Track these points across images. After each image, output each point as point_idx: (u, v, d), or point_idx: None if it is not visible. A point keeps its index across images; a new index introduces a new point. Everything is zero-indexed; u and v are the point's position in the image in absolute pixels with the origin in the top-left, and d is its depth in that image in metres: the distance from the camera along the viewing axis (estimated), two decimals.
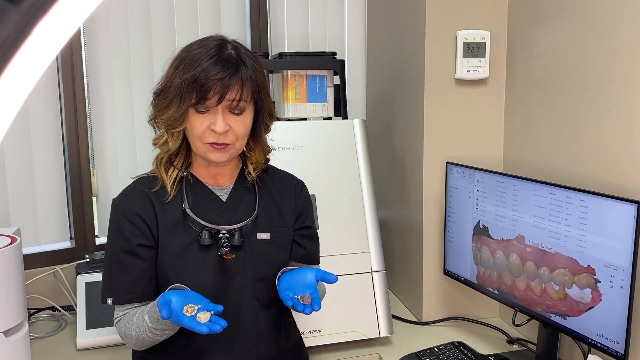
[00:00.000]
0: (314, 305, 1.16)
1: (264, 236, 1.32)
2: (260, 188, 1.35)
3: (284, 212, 1.36)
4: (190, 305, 1.12)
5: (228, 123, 1.19)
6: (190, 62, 1.18)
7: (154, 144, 1.29)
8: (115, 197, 1.31)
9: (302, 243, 1.39)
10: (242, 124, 1.22)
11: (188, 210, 1.26)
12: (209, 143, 1.21)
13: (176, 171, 1.29)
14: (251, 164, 1.33)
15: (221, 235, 1.27)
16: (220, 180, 1.32)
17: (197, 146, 1.23)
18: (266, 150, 1.35)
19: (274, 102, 1.38)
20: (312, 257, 1.42)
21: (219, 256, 1.27)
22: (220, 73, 1.16)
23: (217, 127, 1.18)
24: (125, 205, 1.27)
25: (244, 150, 1.33)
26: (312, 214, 1.43)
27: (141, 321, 1.22)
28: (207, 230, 1.26)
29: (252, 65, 1.21)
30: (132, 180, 1.34)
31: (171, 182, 1.28)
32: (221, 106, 1.18)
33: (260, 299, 1.32)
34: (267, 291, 1.33)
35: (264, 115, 1.28)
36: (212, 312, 1.12)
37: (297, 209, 1.38)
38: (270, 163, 1.40)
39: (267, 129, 1.33)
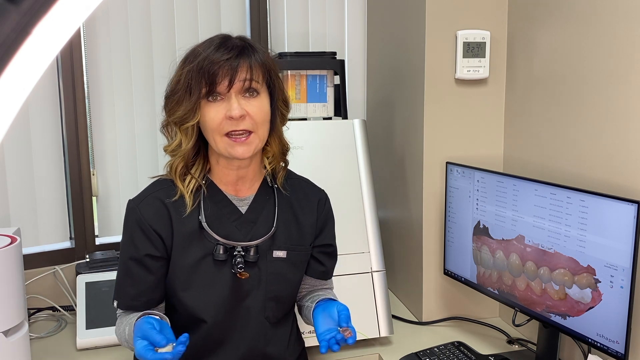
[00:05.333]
0: (349, 339, 1.12)
1: (280, 254, 1.27)
2: (281, 200, 1.29)
3: (303, 229, 1.30)
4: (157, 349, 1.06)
5: (244, 108, 1.14)
6: (195, 55, 1.15)
7: (165, 150, 1.23)
8: (131, 198, 1.25)
9: (321, 260, 1.35)
10: (259, 108, 1.16)
11: (204, 224, 1.22)
12: (228, 136, 1.15)
13: (194, 180, 1.23)
14: (267, 157, 1.27)
15: (236, 253, 1.22)
16: (241, 189, 1.27)
17: (216, 142, 1.16)
18: (284, 144, 1.28)
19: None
20: (327, 274, 1.39)
21: (232, 273, 1.23)
22: (226, 54, 1.12)
23: (233, 112, 1.12)
24: (140, 213, 1.22)
25: (264, 148, 1.26)
26: (333, 230, 1.38)
27: (123, 330, 1.21)
28: (222, 245, 1.22)
29: (260, 49, 1.17)
30: (150, 181, 1.28)
31: (189, 192, 1.21)
32: (234, 90, 1.13)
33: (270, 317, 1.28)
34: (278, 310, 1.30)
35: (278, 102, 1.22)
36: (173, 343, 1.07)
37: (318, 226, 1.33)
38: None
39: (283, 119, 1.26)
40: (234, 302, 1.25)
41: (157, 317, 1.16)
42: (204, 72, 1.12)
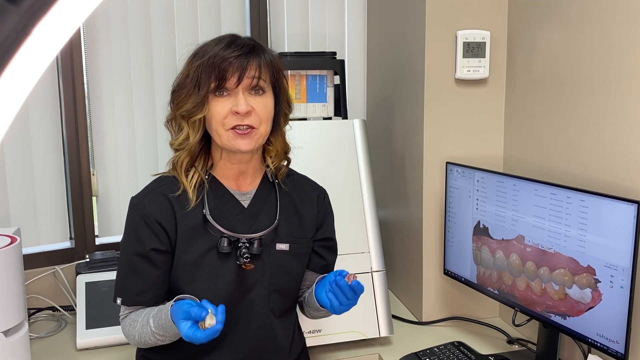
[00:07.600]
0: (354, 283, 1.17)
1: (282, 246, 1.29)
2: (282, 195, 1.32)
3: (304, 222, 1.33)
4: (200, 322, 1.10)
5: (250, 104, 1.17)
6: (205, 51, 1.19)
7: (172, 145, 1.26)
8: (134, 195, 1.28)
9: (322, 254, 1.38)
10: (264, 105, 1.20)
11: (208, 217, 1.24)
12: (232, 129, 1.18)
13: (197, 175, 1.25)
14: (270, 157, 1.30)
15: (241, 244, 1.24)
16: (242, 184, 1.30)
17: (220, 135, 1.19)
18: (286, 144, 1.32)
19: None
20: (329, 268, 1.41)
21: (237, 265, 1.25)
22: (237, 51, 1.17)
23: (240, 107, 1.16)
24: (144, 207, 1.23)
25: (265, 146, 1.29)
26: (333, 224, 1.41)
27: (145, 323, 1.21)
28: (227, 237, 1.24)
29: (269, 51, 1.22)
30: (152, 178, 1.30)
31: (192, 186, 1.24)
32: (241, 87, 1.17)
33: (275, 309, 1.30)
34: (282, 302, 1.31)
35: (283, 102, 1.26)
36: (211, 310, 1.10)
37: (318, 220, 1.36)
38: None
39: (286, 119, 1.30)
40: (239, 295, 1.26)
41: (190, 298, 1.19)
42: (214, 68, 1.16)
